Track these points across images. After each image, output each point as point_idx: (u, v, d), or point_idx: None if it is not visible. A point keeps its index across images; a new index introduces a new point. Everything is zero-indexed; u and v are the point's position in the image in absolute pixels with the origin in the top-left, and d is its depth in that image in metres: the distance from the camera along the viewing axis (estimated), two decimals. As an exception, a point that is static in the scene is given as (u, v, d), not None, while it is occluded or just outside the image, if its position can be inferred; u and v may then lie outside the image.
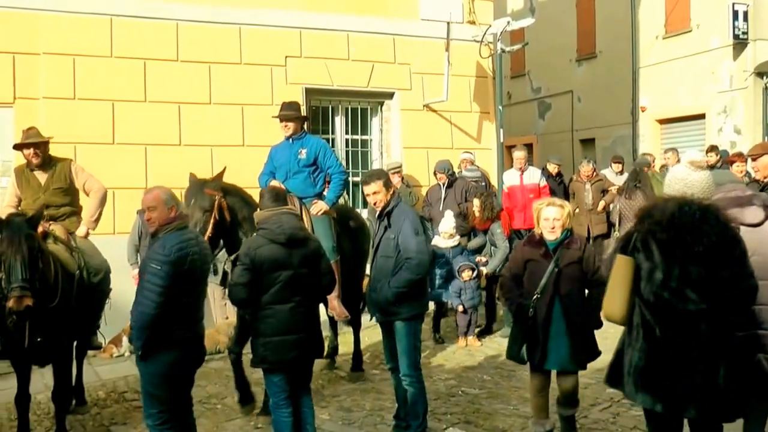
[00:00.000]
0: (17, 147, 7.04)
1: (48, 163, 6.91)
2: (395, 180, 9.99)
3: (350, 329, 8.24)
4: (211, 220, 6.37)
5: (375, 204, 5.94)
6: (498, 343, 9.08)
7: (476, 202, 9.53)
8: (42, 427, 6.68)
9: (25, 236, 5.43)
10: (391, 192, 5.92)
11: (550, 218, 5.59)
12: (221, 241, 6.77)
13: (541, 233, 5.66)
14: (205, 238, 6.13)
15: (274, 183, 7.38)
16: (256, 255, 5.26)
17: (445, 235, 9.30)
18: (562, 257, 5.57)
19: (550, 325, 5.51)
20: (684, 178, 4.33)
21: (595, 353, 5.64)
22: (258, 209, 6.83)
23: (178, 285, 4.75)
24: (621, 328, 4.21)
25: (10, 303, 5.27)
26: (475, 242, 9.55)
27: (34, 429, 6.39)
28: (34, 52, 9.73)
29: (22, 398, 5.98)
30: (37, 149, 6.81)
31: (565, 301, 5.51)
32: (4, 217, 5.78)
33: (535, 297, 5.52)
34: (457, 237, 9.38)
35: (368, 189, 5.89)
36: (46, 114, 9.51)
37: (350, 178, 11.53)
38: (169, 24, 10.29)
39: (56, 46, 9.80)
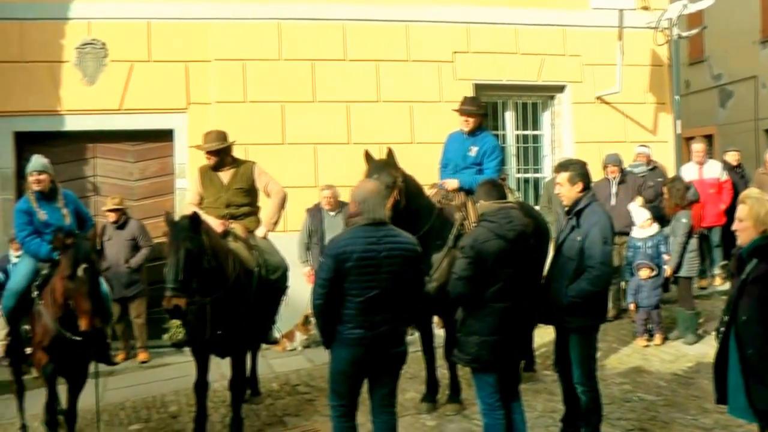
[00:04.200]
0: (199, 148, 7.25)
1: (231, 163, 7.10)
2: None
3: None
4: (391, 199, 6.13)
5: (558, 195, 5.66)
6: (676, 349, 8.60)
7: (665, 189, 9.11)
8: (218, 414, 6.99)
9: (184, 239, 5.60)
10: (580, 188, 5.50)
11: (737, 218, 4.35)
12: None
13: None
14: None
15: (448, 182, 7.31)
16: (483, 248, 5.03)
17: (644, 224, 8.86)
18: (753, 270, 4.19)
19: (726, 359, 4.29)
20: None
21: None
22: (428, 200, 6.81)
23: (342, 282, 4.71)
24: None
25: (163, 302, 5.55)
26: (667, 229, 9.04)
27: (211, 415, 6.65)
28: (206, 59, 10.17)
29: (201, 386, 6.28)
30: (215, 154, 7.00)
31: (741, 329, 4.17)
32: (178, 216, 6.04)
33: (724, 318, 4.33)
34: (656, 225, 8.91)
35: (557, 178, 5.64)
36: (217, 118, 9.82)
37: (521, 175, 11.38)
38: (335, 24, 10.45)
39: (226, 52, 10.18)
